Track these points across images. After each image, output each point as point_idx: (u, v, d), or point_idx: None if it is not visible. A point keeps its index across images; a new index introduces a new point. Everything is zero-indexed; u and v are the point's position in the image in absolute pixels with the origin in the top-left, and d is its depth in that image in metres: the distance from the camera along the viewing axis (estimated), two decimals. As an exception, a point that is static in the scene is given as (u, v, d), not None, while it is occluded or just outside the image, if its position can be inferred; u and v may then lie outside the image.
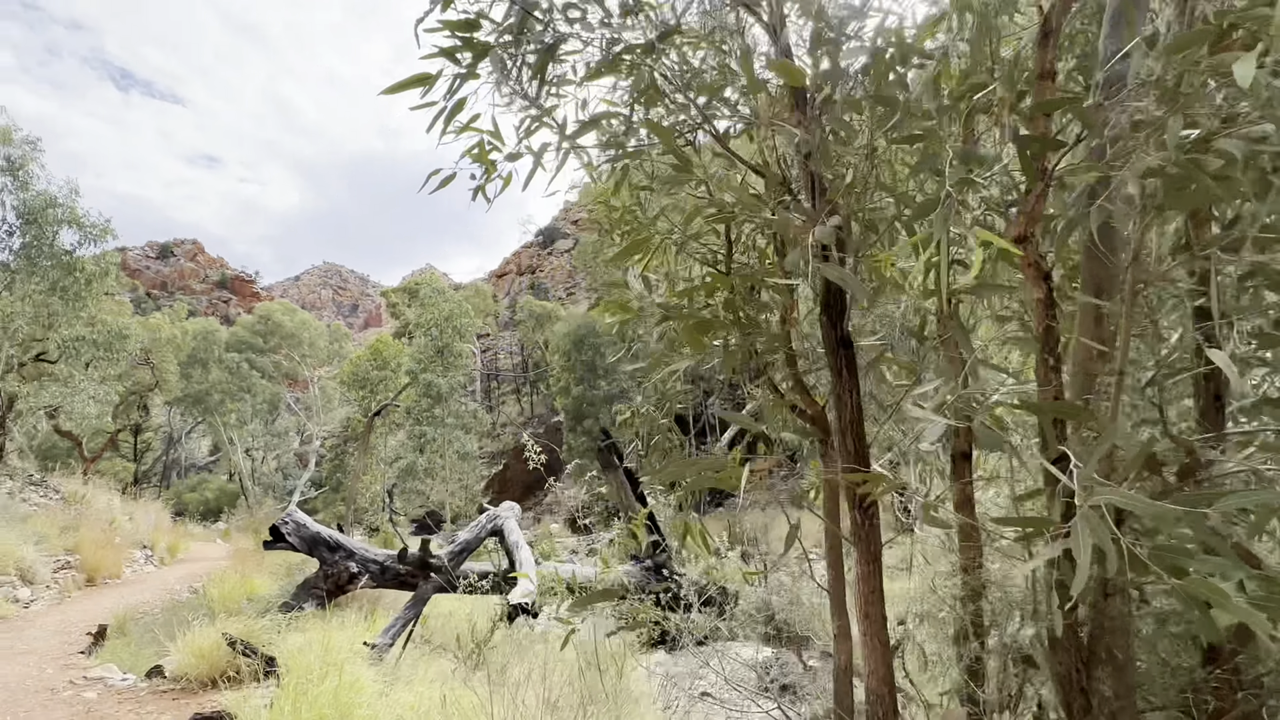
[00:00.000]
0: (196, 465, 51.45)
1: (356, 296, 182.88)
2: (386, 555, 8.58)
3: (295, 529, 8.29)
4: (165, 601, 9.27)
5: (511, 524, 8.08)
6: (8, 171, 16.22)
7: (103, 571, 11.65)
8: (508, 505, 8.49)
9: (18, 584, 8.52)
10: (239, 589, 9.03)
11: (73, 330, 16.72)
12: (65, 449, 26.70)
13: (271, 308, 36.93)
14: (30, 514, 11.66)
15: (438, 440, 18.19)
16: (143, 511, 18.40)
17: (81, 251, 16.83)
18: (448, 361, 18.72)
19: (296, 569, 10.74)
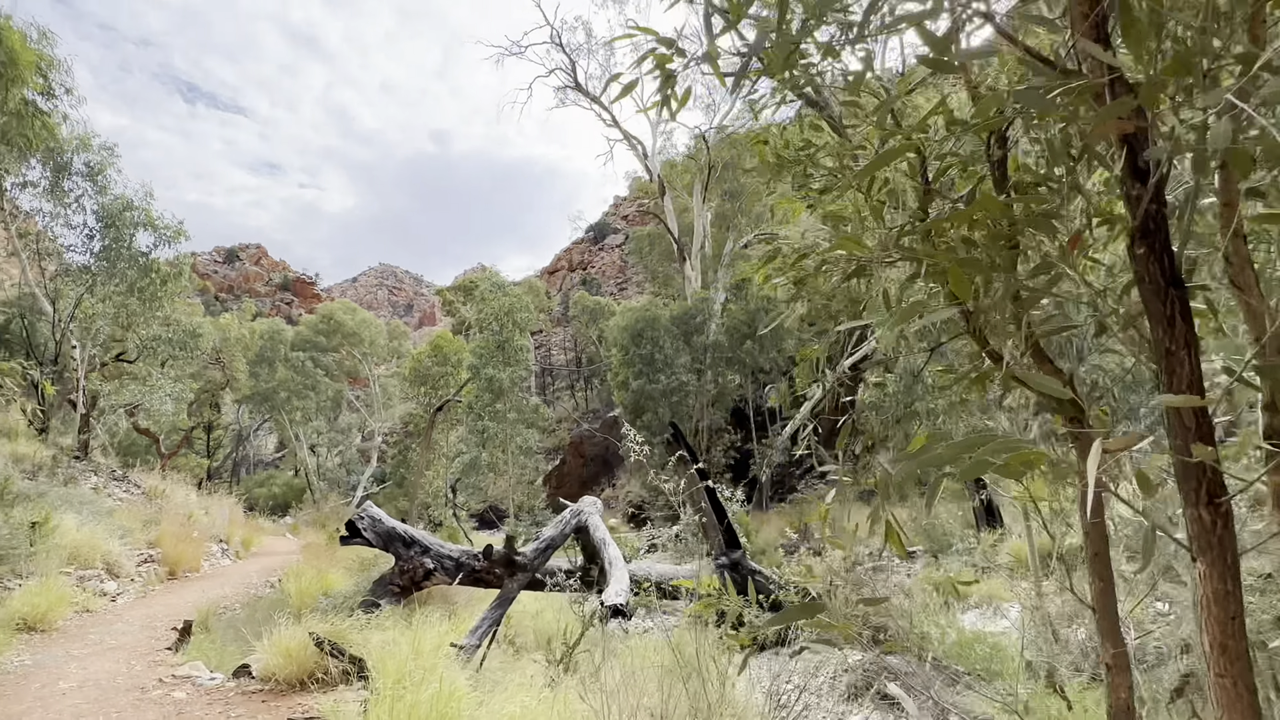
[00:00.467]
0: (263, 462, 53.19)
1: (411, 296, 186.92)
2: (461, 551, 8.39)
3: (371, 524, 8.16)
4: (244, 596, 9.29)
5: (596, 520, 7.78)
6: (88, 177, 16.73)
7: (183, 565, 11.85)
8: (590, 501, 8.18)
9: (105, 577, 8.61)
10: (315, 584, 8.97)
11: (150, 330, 17.18)
12: (144, 446, 27.71)
13: (333, 307, 37.70)
14: (114, 508, 11.93)
15: (500, 435, 18.11)
16: (217, 506, 18.86)
17: (156, 253, 17.28)
18: (508, 356, 18.62)
19: (369, 565, 10.70)
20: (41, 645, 6.04)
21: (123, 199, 16.76)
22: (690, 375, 23.60)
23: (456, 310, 51.36)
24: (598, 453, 40.14)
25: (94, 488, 13.80)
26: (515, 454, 18.72)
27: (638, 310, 24.45)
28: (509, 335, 18.72)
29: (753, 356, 25.00)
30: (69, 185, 16.58)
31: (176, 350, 17.47)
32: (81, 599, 7.68)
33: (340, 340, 37.78)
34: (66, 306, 16.57)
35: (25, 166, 16.12)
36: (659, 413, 23.67)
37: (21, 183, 15.84)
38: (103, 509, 11.21)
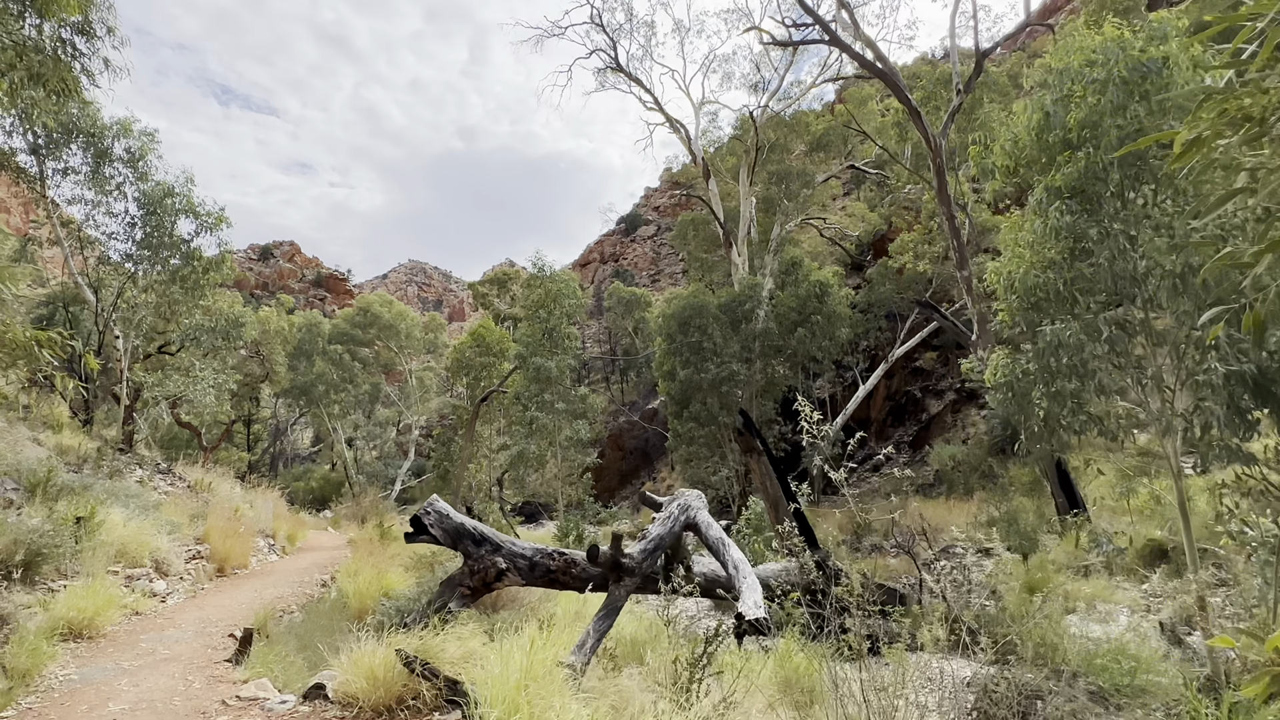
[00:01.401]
0: (300, 456, 53.44)
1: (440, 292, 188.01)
2: (534, 550, 7.65)
3: (438, 520, 7.44)
4: (299, 596, 8.66)
5: (706, 515, 6.97)
6: (128, 163, 16.32)
7: (231, 561, 11.32)
8: (695, 494, 7.37)
9: (153, 576, 8.03)
10: (374, 585, 8.31)
11: (192, 319, 16.76)
12: (185, 439, 27.61)
13: (370, 299, 37.43)
14: (160, 501, 11.44)
15: (549, 426, 17.41)
16: (261, 500, 18.46)
17: (198, 241, 16.85)
18: (556, 343, 17.90)
19: (426, 562, 10.04)
20: (89, 655, 5.41)
21: (163, 185, 16.34)
22: (740, 364, 22.69)
23: (491, 303, 50.95)
24: (637, 445, 39.41)
25: (139, 480, 13.37)
26: (563, 446, 18.01)
27: (685, 297, 23.57)
28: (557, 322, 17.97)
29: (804, 345, 24.01)
30: (109, 172, 16.18)
31: (219, 340, 17.05)
32: (130, 600, 7.09)
33: (377, 333, 37.53)
34: (109, 296, 16.21)
35: (66, 152, 15.77)
36: (707, 403, 22.81)
37: (63, 168, 15.46)
38: (149, 503, 10.70)
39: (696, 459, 23.85)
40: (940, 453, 23.29)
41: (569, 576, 7.74)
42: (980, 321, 16.58)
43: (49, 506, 7.60)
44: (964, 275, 16.63)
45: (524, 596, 8.72)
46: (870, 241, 33.49)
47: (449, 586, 7.52)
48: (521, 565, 7.58)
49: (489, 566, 7.47)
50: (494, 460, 23.85)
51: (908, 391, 28.39)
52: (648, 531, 6.37)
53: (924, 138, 16.59)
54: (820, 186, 27.73)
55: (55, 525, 6.90)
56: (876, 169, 28.66)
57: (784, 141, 26.85)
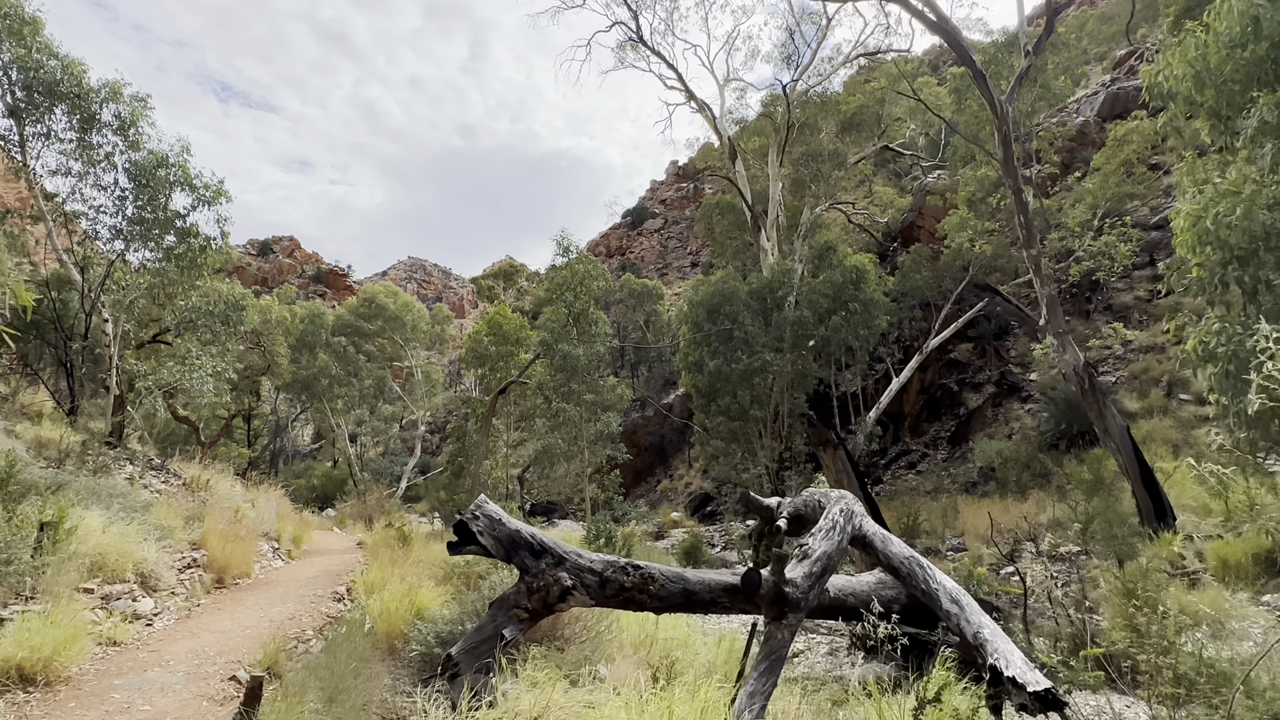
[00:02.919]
0: (300, 453, 52.04)
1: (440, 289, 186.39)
2: (605, 562, 6.25)
3: (488, 526, 6.05)
4: (313, 615, 7.25)
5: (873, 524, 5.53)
6: (118, 130, 14.90)
7: (232, 570, 9.91)
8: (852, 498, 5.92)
9: (138, 593, 6.63)
10: (403, 603, 6.90)
11: (188, 302, 15.35)
12: (183, 435, 26.22)
13: (374, 289, 36.02)
14: (151, 501, 10.03)
15: (575, 419, 16.01)
16: (264, 499, 17.05)
17: (194, 217, 15.42)
18: (583, 329, 16.49)
19: (458, 573, 8.62)
20: (39, 713, 4.01)
21: (156, 155, 14.90)
22: (773, 355, 21.28)
23: (496, 296, 49.52)
24: (652, 442, 37.99)
25: (129, 478, 11.96)
26: (590, 440, 16.60)
27: (714, 283, 22.15)
28: (584, 306, 16.55)
29: (839, 334, 22.59)
30: (97, 140, 14.76)
31: (218, 324, 15.63)
32: (106, 627, 5.68)
33: (382, 325, 36.12)
34: (97, 277, 14.80)
35: (50, 117, 14.36)
36: (738, 396, 21.40)
37: (44, 132, 14.03)
38: (137, 503, 9.30)
39: (725, 455, 22.45)
40: (985, 449, 21.89)
41: (646, 595, 6.35)
42: (1051, 304, 15.18)
43: (7, 509, 6.19)
44: (1031, 254, 15.20)
45: (580, 615, 7.33)
46: (898, 228, 32.10)
47: (500, 609, 6.10)
48: (590, 582, 6.18)
49: (551, 583, 6.06)
50: (510, 456, 22.44)
51: (943, 384, 26.98)
52: (809, 549, 4.88)
53: (989, 103, 15.16)
54: (851, 169, 26.31)
55: (12, 532, 5.49)
56: (910, 151, 27.24)
57: (814, 121, 25.43)
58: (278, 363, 26.86)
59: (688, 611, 6.89)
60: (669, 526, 26.07)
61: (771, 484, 22.00)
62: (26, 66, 13.33)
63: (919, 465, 24.97)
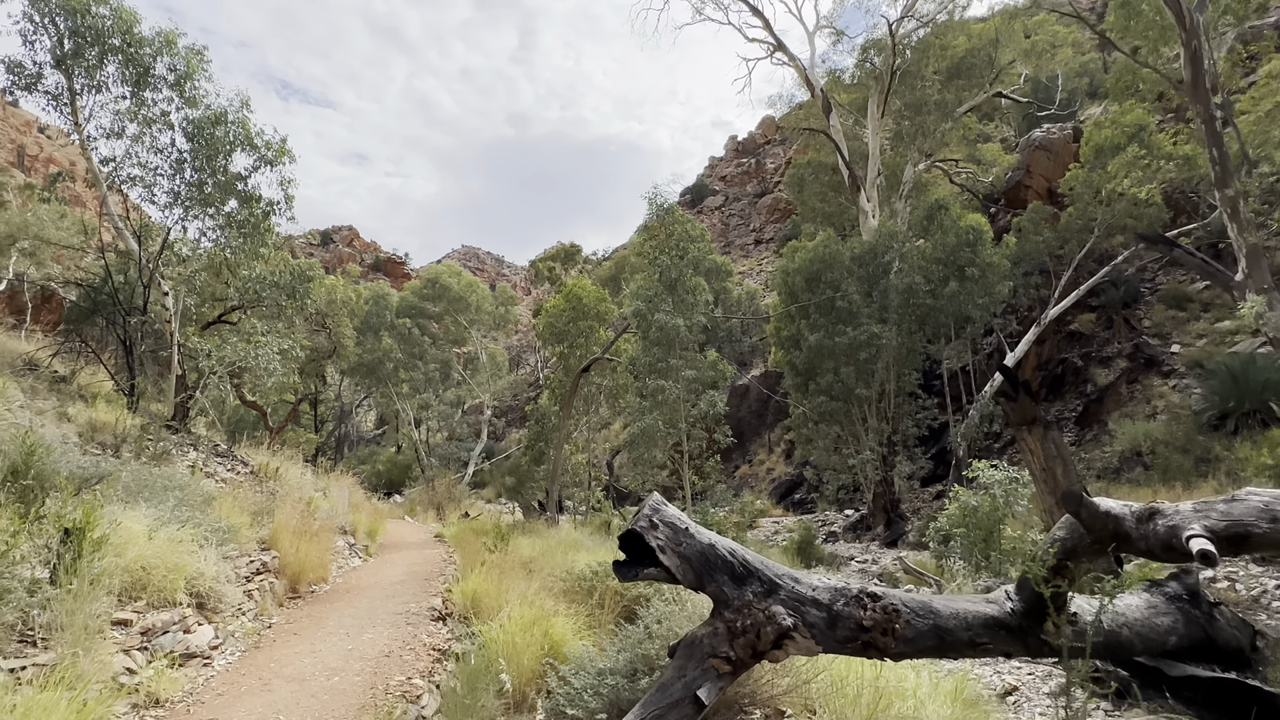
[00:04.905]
0: (364, 438, 51.81)
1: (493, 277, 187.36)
2: (833, 590, 4.33)
3: (671, 539, 4.19)
4: (413, 648, 5.54)
5: None
6: (174, 85, 13.58)
7: (307, 575, 8.40)
8: None
9: (191, 619, 5.02)
10: (531, 636, 5.14)
11: (251, 272, 14.01)
12: (252, 420, 25.43)
13: (438, 270, 34.85)
14: (214, 494, 8.57)
15: (674, 398, 14.13)
16: (335, 486, 15.78)
17: (255, 179, 14.04)
18: (680, 298, 14.58)
19: (585, 588, 6.83)
20: None
21: (214, 112, 13.53)
22: (880, 326, 18.99)
23: (557, 277, 48.04)
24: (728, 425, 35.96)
25: (191, 465, 10.62)
26: (689, 421, 14.72)
27: (813, 248, 19.92)
28: (682, 272, 14.61)
29: (955, 302, 20.13)
30: (151, 96, 13.47)
31: (283, 297, 14.28)
32: (145, 678, 4.05)
33: (446, 306, 34.95)
34: (154, 245, 13.57)
35: (100, 74, 13.10)
36: (840, 373, 19.21)
37: (95, 85, 12.77)
38: (197, 496, 7.81)
39: (825, 439, 20.32)
40: (1128, 430, 19.16)
41: (889, 638, 4.42)
42: (1253, 256, 12.57)
43: (21, 511, 4.62)
44: (1228, 194, 12.61)
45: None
46: (1002, 189, 29.12)
47: (689, 657, 4.23)
48: (815, 619, 4.25)
49: (763, 622, 4.15)
50: (592, 440, 20.79)
51: (1064, 359, 24.15)
52: None
53: (1174, 12, 12.55)
54: (958, 121, 23.59)
55: (16, 545, 3.89)
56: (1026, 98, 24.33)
57: (917, 68, 22.80)
58: (343, 345, 25.79)
59: (938, 656, 4.94)
60: (756, 515, 24.11)
61: (880, 470, 19.78)
62: (73, 10, 12.03)
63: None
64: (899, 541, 19.27)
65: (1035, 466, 7.94)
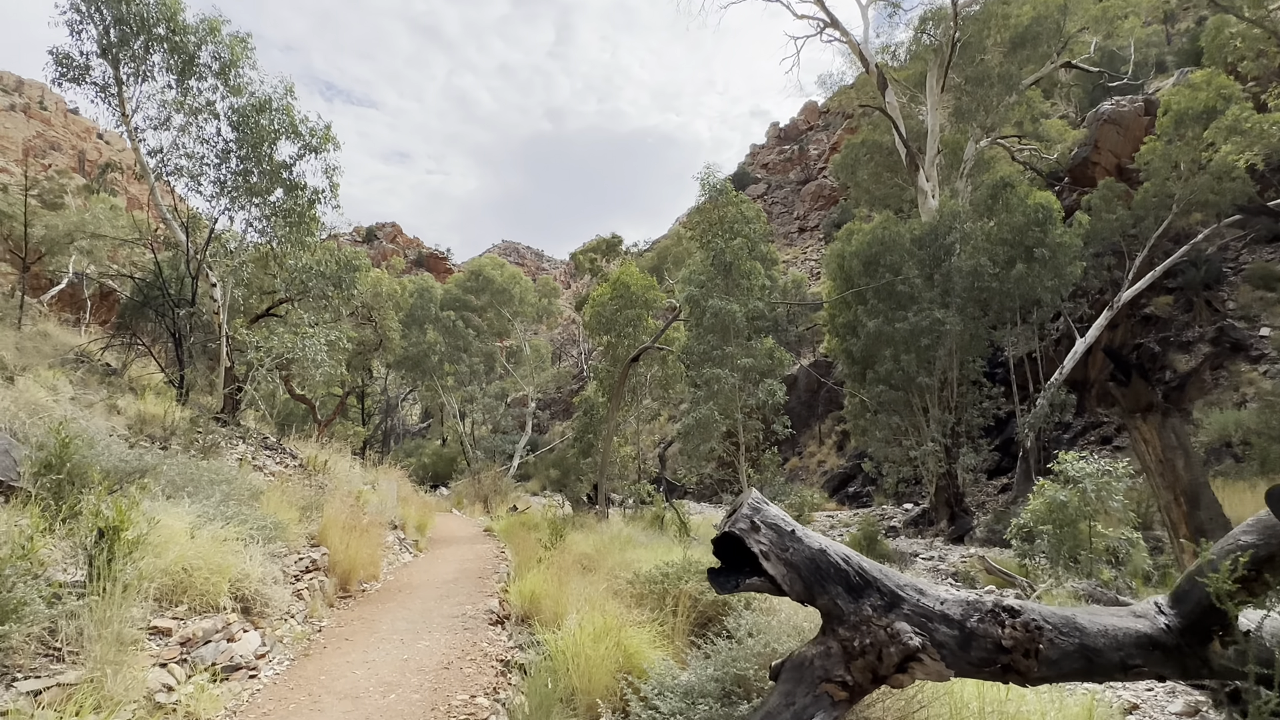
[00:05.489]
0: (410, 431, 52.25)
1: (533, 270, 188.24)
2: (964, 604, 3.67)
3: (775, 544, 3.59)
4: (474, 657, 5.05)
5: None
6: (218, 74, 13.39)
7: (358, 572, 8.03)
8: None
9: (236, 626, 4.60)
10: (603, 648, 4.60)
11: (298, 262, 13.80)
12: (300, 413, 25.58)
13: (481, 262, 34.71)
14: (262, 488, 8.26)
15: (729, 388, 13.48)
16: (384, 479, 15.55)
17: (300, 167, 13.81)
18: (736, 283, 13.90)
19: (656, 592, 6.27)
20: None
21: (258, 99, 13.31)
22: (943, 311, 18.01)
23: (600, 269, 47.60)
24: (775, 417, 35.09)
25: (240, 458, 10.39)
26: (745, 412, 14.06)
27: (870, 230, 19.00)
28: (737, 257, 13.92)
29: (1023, 285, 19.00)
30: (196, 85, 13.31)
31: (330, 287, 14.04)
32: (183, 695, 3.62)
33: (489, 299, 34.79)
34: (202, 236, 13.44)
35: (145, 66, 12.97)
36: (900, 361, 18.29)
37: (139, 74, 12.63)
38: (245, 490, 7.48)
39: (884, 430, 19.43)
40: (1216, 420, 17.86)
41: (1032, 660, 3.73)
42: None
43: (52, 507, 4.25)
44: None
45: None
46: (1067, 166, 27.60)
47: (797, 681, 3.61)
48: (945, 637, 3.57)
49: (884, 641, 3.48)
50: (640, 432, 20.27)
51: (1139, 344, 22.74)
52: None
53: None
54: (1022, 94, 22.30)
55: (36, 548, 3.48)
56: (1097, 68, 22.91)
57: (977, 39, 21.60)
58: (389, 337, 25.74)
59: (1084, 680, 4.24)
60: (809, 510, 23.33)
61: (945, 462, 18.82)
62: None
63: (1115, 440, 21.04)
64: (965, 537, 18.32)
65: (1150, 458, 7.10)
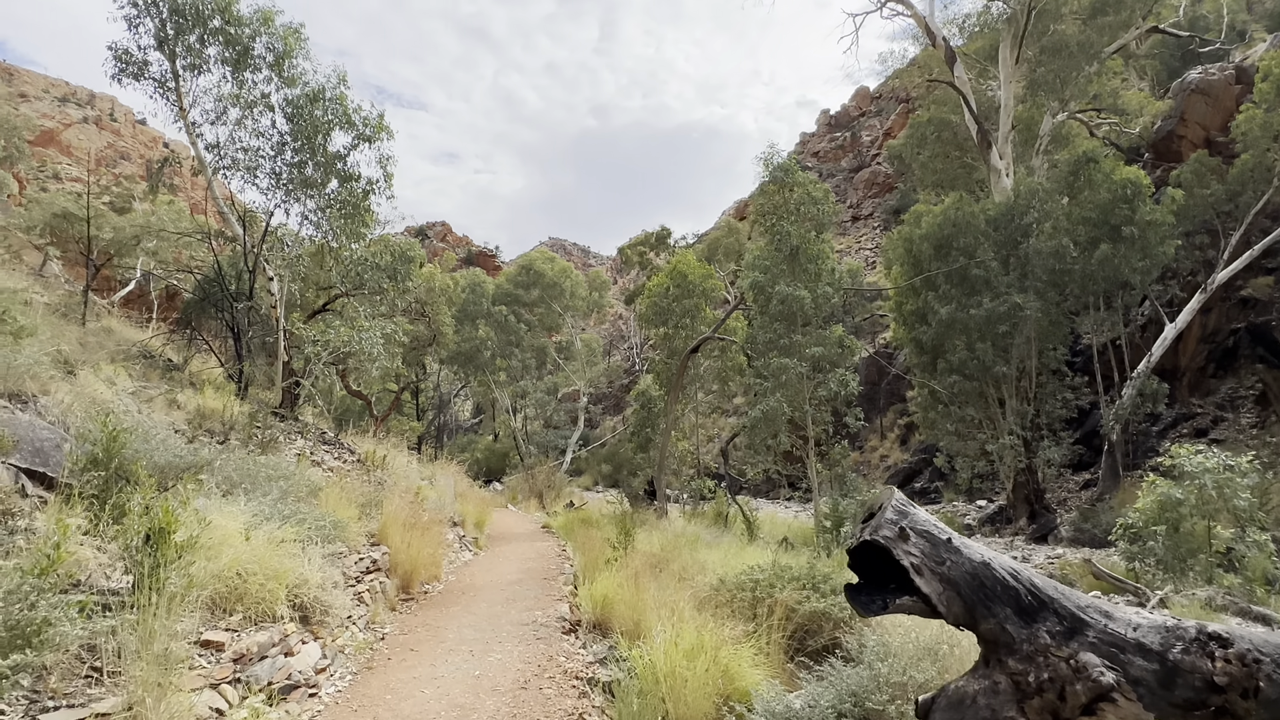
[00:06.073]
0: (462, 427, 52.63)
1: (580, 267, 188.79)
2: (1163, 633, 2.97)
3: (929, 556, 2.95)
4: (551, 674, 4.54)
5: None
6: (272, 66, 13.25)
7: (419, 573, 7.63)
8: None
9: (294, 638, 4.17)
10: (700, 668, 4.03)
11: (352, 254, 13.59)
12: (357, 409, 25.73)
13: (532, 256, 34.53)
14: (322, 482, 7.95)
15: (797, 379, 12.74)
16: (441, 475, 15.32)
17: (354, 157, 13.59)
18: (803, 267, 13.14)
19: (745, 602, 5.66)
20: None
21: (312, 89, 13.12)
22: (1021, 296, 16.86)
23: (649, 262, 47.03)
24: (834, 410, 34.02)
25: (298, 453, 10.17)
26: (814, 404, 13.30)
27: (941, 211, 17.94)
28: (804, 240, 13.15)
29: (1109, 267, 17.69)
30: (251, 78, 13.19)
31: (385, 279, 13.81)
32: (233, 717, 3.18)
33: (540, 293, 34.57)
34: (259, 230, 13.34)
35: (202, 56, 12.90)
36: (975, 349, 17.23)
37: (195, 65, 12.55)
38: (303, 486, 7.15)
39: (955, 422, 18.37)
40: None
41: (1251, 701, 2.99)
42: None
43: (96, 506, 3.88)
44: None
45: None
46: (1150, 140, 25.82)
47: (961, 711, 3.03)
48: (1142, 672, 2.81)
49: (1067, 676, 2.79)
50: (700, 425, 19.66)
51: (1235, 330, 21.06)
52: None
53: None
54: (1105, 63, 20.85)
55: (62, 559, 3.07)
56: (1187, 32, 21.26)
57: (1053, 7, 20.23)
58: (442, 332, 25.67)
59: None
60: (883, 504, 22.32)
61: (1024, 456, 17.67)
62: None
63: (1211, 432, 19.51)
64: (1049, 536, 17.19)
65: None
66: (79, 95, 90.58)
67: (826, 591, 5.48)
